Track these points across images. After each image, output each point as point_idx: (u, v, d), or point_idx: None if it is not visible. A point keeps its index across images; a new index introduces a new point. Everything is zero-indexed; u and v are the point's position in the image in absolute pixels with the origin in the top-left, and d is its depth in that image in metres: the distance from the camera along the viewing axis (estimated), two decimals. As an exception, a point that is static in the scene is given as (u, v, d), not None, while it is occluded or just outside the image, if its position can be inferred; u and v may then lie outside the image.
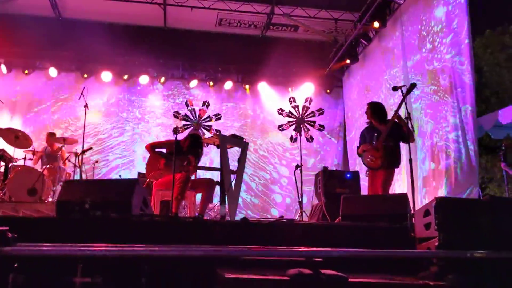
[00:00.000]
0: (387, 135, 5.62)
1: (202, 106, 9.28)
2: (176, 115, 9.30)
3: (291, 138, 9.03)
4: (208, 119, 9.35)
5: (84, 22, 10.39)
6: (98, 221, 3.57)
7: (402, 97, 5.52)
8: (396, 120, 5.62)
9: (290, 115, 8.92)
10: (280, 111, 8.96)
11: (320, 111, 8.89)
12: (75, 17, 10.53)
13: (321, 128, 9.00)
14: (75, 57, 10.84)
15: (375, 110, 5.94)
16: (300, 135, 9.10)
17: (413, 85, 5.52)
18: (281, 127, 9.08)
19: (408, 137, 5.51)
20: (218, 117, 9.43)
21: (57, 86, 11.06)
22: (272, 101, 11.77)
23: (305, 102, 8.87)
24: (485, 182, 13.06)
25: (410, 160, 5.19)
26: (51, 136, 8.35)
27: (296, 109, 8.83)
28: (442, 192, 7.04)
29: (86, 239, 3.33)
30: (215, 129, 9.39)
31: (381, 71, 9.67)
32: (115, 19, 10.63)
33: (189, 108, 9.20)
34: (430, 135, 7.74)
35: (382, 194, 5.51)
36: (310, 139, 9.04)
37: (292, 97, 8.96)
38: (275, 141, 11.63)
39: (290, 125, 9.07)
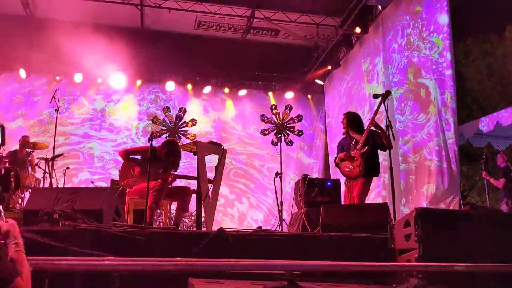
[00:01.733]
0: (364, 143, 5.67)
1: (179, 112, 9.25)
2: (154, 120, 9.23)
3: (272, 142, 9.11)
4: (184, 124, 9.29)
5: (57, 21, 10.21)
6: (67, 232, 3.49)
7: (380, 104, 5.58)
8: (372, 127, 5.68)
9: (272, 121, 9.02)
10: (262, 118, 9.04)
11: (299, 118, 8.98)
12: (47, 16, 10.35)
13: (300, 133, 9.09)
14: (46, 58, 10.64)
15: (351, 120, 6.01)
16: (280, 141, 9.12)
17: (388, 93, 5.58)
18: (263, 132, 9.14)
19: (386, 145, 5.56)
20: (193, 122, 9.39)
21: (27, 88, 10.86)
22: (252, 106, 11.81)
23: (285, 109, 8.97)
24: (466, 190, 13.29)
25: (391, 169, 5.22)
26: (25, 140, 8.09)
27: (277, 115, 8.92)
28: (423, 201, 7.13)
29: (54, 251, 3.25)
30: (191, 134, 9.33)
31: (363, 77, 9.78)
32: (89, 18, 10.46)
33: (166, 114, 9.14)
34: (411, 137, 7.84)
35: (363, 204, 5.54)
36: (290, 143, 9.12)
37: (274, 105, 9.07)
38: (255, 148, 11.64)
39: (272, 131, 9.16)
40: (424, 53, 7.51)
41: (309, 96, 12.25)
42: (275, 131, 9.48)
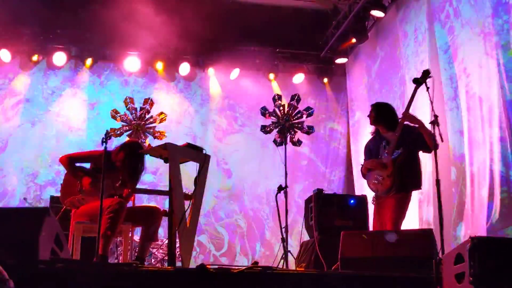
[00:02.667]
0: (397, 145, 5.71)
1: (144, 104, 9.23)
2: (112, 114, 9.23)
3: (275, 141, 9.08)
4: (151, 120, 9.27)
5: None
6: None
7: (426, 92, 5.61)
8: (407, 122, 5.72)
9: (274, 115, 8.92)
10: (263, 111, 8.98)
11: (309, 111, 8.90)
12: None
13: (310, 130, 9.00)
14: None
15: (382, 113, 6.07)
16: (286, 141, 9.07)
17: (426, 73, 5.63)
18: (264, 129, 9.10)
19: (429, 143, 5.58)
20: (162, 117, 9.35)
21: None
22: (248, 93, 11.84)
23: (291, 100, 8.84)
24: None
25: (438, 182, 5.25)
26: None
27: (282, 108, 8.84)
28: (482, 228, 7.16)
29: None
30: (159, 132, 9.33)
31: (401, 56, 9.81)
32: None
33: (128, 106, 9.12)
34: (467, 141, 7.87)
35: (399, 230, 5.58)
36: (298, 143, 9.08)
37: (277, 95, 9.00)
38: (254, 153, 11.69)
39: (275, 127, 9.11)
40: (489, 22, 7.51)
41: (325, 80, 12.28)
42: (278, 128, 9.50)
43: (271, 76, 12.02)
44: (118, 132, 9.04)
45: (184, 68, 11.54)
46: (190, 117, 11.74)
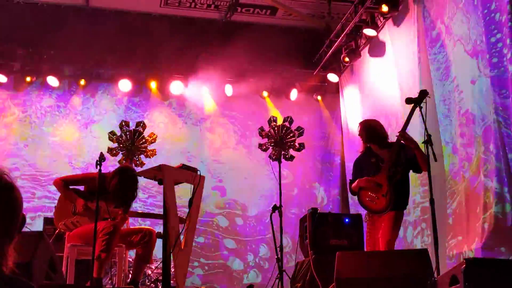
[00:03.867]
0: (394, 163, 5.73)
1: (137, 127, 9.33)
2: (110, 136, 9.35)
3: (270, 157, 9.27)
4: (143, 141, 9.36)
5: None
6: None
7: (419, 111, 5.65)
8: (402, 141, 5.75)
9: (269, 135, 9.14)
10: (260, 131, 9.19)
11: (300, 131, 9.12)
12: None
13: (300, 147, 9.21)
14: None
15: (371, 130, 6.09)
16: (280, 161, 9.21)
17: (424, 94, 5.67)
18: (261, 147, 9.31)
19: (422, 166, 5.63)
20: (153, 138, 9.48)
21: None
22: (242, 111, 11.87)
23: (284, 122, 9.05)
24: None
25: (432, 201, 5.27)
26: None
27: (276, 128, 9.03)
28: (477, 246, 7.15)
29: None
30: (150, 150, 9.42)
31: (393, 72, 9.85)
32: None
33: (123, 129, 9.23)
34: (460, 160, 7.88)
35: (394, 250, 5.58)
36: (290, 159, 9.28)
37: (273, 117, 9.21)
38: (250, 172, 11.69)
39: (270, 145, 9.31)
40: (481, 40, 7.57)
41: (319, 97, 12.32)
42: (273, 146, 9.65)
43: (265, 93, 12.05)
44: (114, 152, 9.18)
45: (177, 87, 11.55)
46: (184, 135, 11.73)
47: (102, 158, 5.32)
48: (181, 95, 11.73)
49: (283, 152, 9.25)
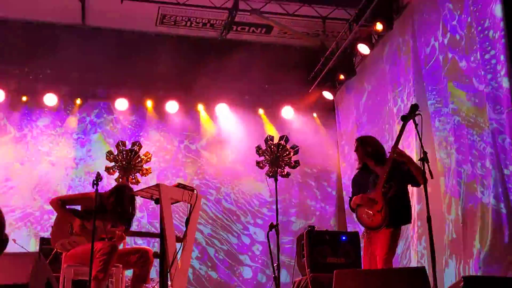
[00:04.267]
0: (387, 179, 5.74)
1: (132, 146, 9.42)
2: (107, 155, 9.43)
3: (267, 174, 9.43)
4: (138, 160, 9.44)
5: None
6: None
7: (414, 128, 5.67)
8: (395, 156, 5.76)
9: (266, 153, 9.28)
10: (257, 149, 9.31)
11: (295, 149, 9.28)
12: None
13: (296, 165, 9.39)
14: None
15: (367, 146, 6.11)
16: (276, 179, 9.28)
17: (414, 108, 5.68)
18: (258, 164, 9.48)
19: (418, 178, 5.63)
20: (148, 156, 9.56)
21: None
22: (239, 129, 11.89)
23: (280, 140, 9.23)
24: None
25: (429, 218, 5.26)
26: None
27: (273, 147, 9.18)
28: (475, 262, 7.15)
29: None
30: (145, 169, 9.50)
31: (389, 88, 9.90)
32: (5, 14, 10.54)
33: (120, 149, 9.32)
34: (457, 175, 7.89)
35: (391, 267, 5.57)
36: (286, 175, 9.44)
37: (270, 136, 9.34)
38: (247, 190, 11.68)
39: (267, 163, 9.47)
40: (475, 57, 7.62)
41: (315, 115, 12.37)
42: (269, 164, 9.76)
43: (261, 111, 12.09)
44: (111, 170, 9.31)
45: (172, 106, 11.59)
46: (180, 154, 11.74)
47: (98, 177, 5.32)
48: (177, 113, 11.75)
49: (279, 170, 9.38)
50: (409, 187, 6.30)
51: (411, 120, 5.65)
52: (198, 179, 11.47)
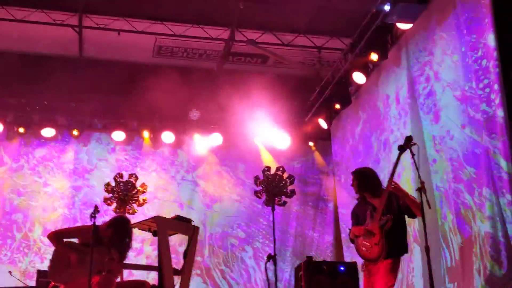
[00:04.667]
0: (384, 211, 5.74)
1: (129, 178, 9.51)
2: (106, 187, 9.52)
3: (265, 202, 9.57)
4: (135, 191, 9.52)
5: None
6: None
7: (411, 158, 5.69)
8: (392, 189, 5.78)
9: (264, 183, 9.44)
10: (255, 180, 9.48)
11: (291, 179, 9.46)
12: None
13: (292, 194, 9.59)
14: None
15: (364, 179, 6.14)
16: (273, 208, 9.36)
17: (409, 139, 5.72)
18: (256, 194, 9.63)
19: (415, 212, 5.65)
20: (144, 188, 9.69)
21: None
22: (235, 158, 11.93)
23: (276, 171, 9.42)
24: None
25: (427, 248, 5.25)
26: None
27: (270, 177, 9.31)
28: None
29: None
30: (141, 199, 9.59)
31: (383, 119, 9.94)
32: (4, 46, 10.62)
33: (118, 180, 9.42)
34: (453, 203, 7.88)
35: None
36: (283, 204, 9.63)
37: (267, 167, 9.49)
38: (243, 219, 11.67)
39: (264, 192, 9.60)
40: (470, 86, 7.66)
41: (311, 144, 12.41)
42: (267, 193, 9.84)
43: (257, 140, 12.12)
44: (109, 202, 9.45)
45: (169, 136, 11.64)
46: (176, 184, 11.74)
47: (96, 210, 5.31)
48: (173, 143, 11.80)
49: (276, 199, 9.47)
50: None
51: (407, 150, 5.68)
52: (195, 209, 11.43)
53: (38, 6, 9.71)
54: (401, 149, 5.74)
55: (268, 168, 9.46)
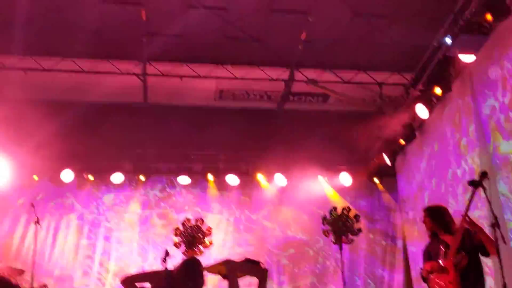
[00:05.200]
0: (458, 249, 5.60)
1: (196, 222, 9.74)
2: (176, 232, 9.73)
3: (333, 241, 9.73)
4: (201, 235, 9.68)
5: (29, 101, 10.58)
6: None
7: (481, 193, 5.56)
8: (466, 226, 5.64)
9: (331, 223, 9.62)
10: (323, 220, 9.75)
11: (357, 218, 9.54)
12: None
13: (358, 232, 9.73)
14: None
15: (436, 217, 6.04)
16: (341, 247, 9.40)
17: (483, 175, 5.58)
18: (324, 233, 9.81)
19: (489, 249, 5.49)
20: (209, 231, 9.85)
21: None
22: (300, 198, 11.91)
23: (343, 211, 9.55)
24: None
25: (505, 286, 5.08)
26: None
27: (337, 218, 9.43)
28: None
29: None
30: (207, 241, 9.75)
31: (449, 152, 9.75)
32: (72, 96, 10.98)
33: (186, 225, 9.64)
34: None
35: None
36: (350, 241, 9.67)
37: (334, 207, 9.73)
38: (310, 259, 11.60)
39: (331, 231, 9.73)
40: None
41: (376, 180, 12.28)
42: (333, 232, 9.84)
43: (321, 178, 12.09)
44: (178, 245, 9.59)
45: (233, 179, 11.79)
46: (242, 225, 11.81)
47: (167, 254, 5.39)
48: (238, 185, 11.90)
49: (343, 237, 9.51)
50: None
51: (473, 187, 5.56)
52: (262, 250, 11.43)
53: (104, 57, 10.11)
54: (475, 184, 5.60)
55: (335, 208, 9.50)
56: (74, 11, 9.12)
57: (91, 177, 11.53)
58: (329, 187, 12.05)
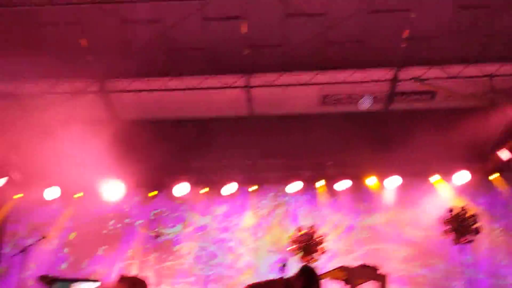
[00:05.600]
0: None
1: (309, 230, 9.82)
2: (290, 240, 9.86)
3: (453, 241, 9.55)
4: (314, 242, 9.72)
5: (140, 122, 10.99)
6: None
7: None
8: None
9: (450, 222, 9.41)
10: (442, 219, 9.47)
11: (475, 217, 9.32)
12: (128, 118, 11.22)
13: (477, 231, 9.45)
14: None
15: None
16: (462, 249, 9.30)
17: None
18: (445, 233, 9.69)
19: None
20: (320, 239, 9.86)
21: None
22: (413, 199, 11.69)
23: (462, 211, 9.31)
24: None
25: None
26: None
27: (455, 215, 9.22)
28: None
29: None
30: (320, 248, 9.75)
31: None
32: (182, 113, 11.39)
33: (300, 233, 9.74)
34: None
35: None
36: (470, 241, 9.60)
37: (450, 208, 9.41)
38: (436, 263, 11.31)
39: (452, 230, 9.56)
40: None
41: (494, 176, 11.77)
42: (454, 231, 9.68)
43: (436, 177, 11.77)
44: (294, 252, 9.91)
45: (343, 184, 11.76)
46: (355, 231, 11.75)
47: (284, 262, 5.42)
48: (348, 190, 11.80)
49: (463, 237, 9.34)
50: None
51: None
52: (377, 254, 11.28)
53: (209, 73, 10.33)
54: None
55: (451, 209, 9.26)
56: (180, 31, 9.44)
57: (205, 190, 11.83)
58: (444, 186, 11.66)
